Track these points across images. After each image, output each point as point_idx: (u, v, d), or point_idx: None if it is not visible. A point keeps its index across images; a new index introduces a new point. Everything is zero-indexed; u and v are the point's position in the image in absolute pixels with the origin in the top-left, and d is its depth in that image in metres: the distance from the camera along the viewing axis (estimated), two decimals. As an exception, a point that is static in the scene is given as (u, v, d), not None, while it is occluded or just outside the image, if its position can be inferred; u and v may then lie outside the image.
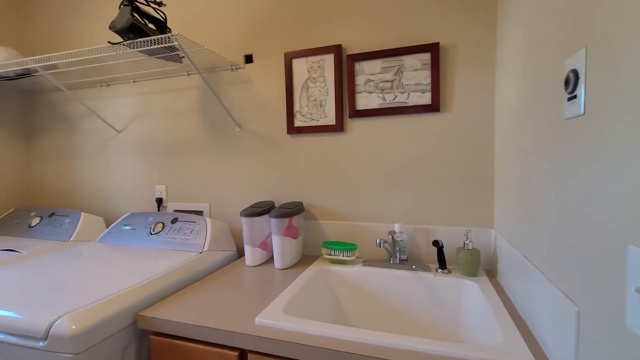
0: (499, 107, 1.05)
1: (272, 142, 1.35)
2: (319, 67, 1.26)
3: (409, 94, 1.16)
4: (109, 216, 1.65)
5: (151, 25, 1.18)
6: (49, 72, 1.36)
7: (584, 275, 0.51)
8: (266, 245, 1.24)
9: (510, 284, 0.90)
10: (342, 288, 1.13)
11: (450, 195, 1.15)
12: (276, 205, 1.36)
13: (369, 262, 1.15)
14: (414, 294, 1.06)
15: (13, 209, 1.63)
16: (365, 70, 1.20)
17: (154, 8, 1.16)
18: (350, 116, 1.23)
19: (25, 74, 1.45)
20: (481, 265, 1.12)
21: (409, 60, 1.15)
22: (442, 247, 1.07)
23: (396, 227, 1.14)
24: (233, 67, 1.39)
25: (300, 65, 1.28)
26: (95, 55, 1.21)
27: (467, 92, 1.11)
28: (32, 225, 1.49)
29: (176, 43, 1.07)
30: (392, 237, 1.11)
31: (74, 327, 0.72)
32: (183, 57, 1.19)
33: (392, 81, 1.17)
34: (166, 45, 1.09)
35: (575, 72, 0.53)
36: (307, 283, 1.02)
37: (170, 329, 0.81)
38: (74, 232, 1.41)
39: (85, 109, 1.66)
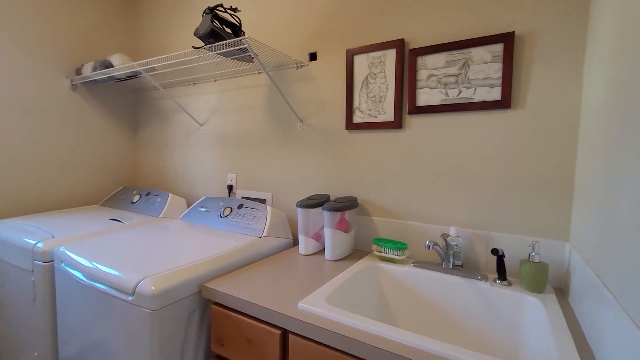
0: (586, 104, 0.91)
1: (330, 138, 1.39)
2: (380, 62, 1.24)
3: (475, 89, 1.08)
4: (190, 198, 1.91)
5: (228, 30, 1.32)
6: (149, 73, 1.62)
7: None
8: (319, 237, 1.30)
9: (582, 308, 0.79)
10: (390, 286, 1.12)
11: (519, 200, 1.04)
12: (331, 198, 1.40)
13: (419, 263, 1.12)
14: (466, 303, 1.00)
15: (121, 187, 1.99)
16: (428, 65, 1.15)
17: (230, 14, 1.28)
18: (410, 112, 1.19)
19: (133, 75, 1.75)
20: (550, 281, 0.99)
21: (478, 52, 1.06)
22: (502, 256, 0.98)
23: (452, 231, 1.08)
24: (298, 65, 1.46)
25: (361, 62, 1.29)
26: (183, 59, 1.40)
27: (546, 86, 0.99)
28: (134, 201, 1.81)
29: (246, 45, 1.17)
30: (445, 240, 1.05)
31: (153, 288, 0.88)
32: (254, 57, 1.30)
33: (457, 75, 1.10)
34: (238, 47, 1.20)
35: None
36: (353, 276, 1.05)
37: (226, 301, 0.92)
38: (162, 210, 1.67)
39: (176, 104, 1.93)
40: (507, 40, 1.01)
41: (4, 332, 1.40)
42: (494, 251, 0.98)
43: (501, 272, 0.99)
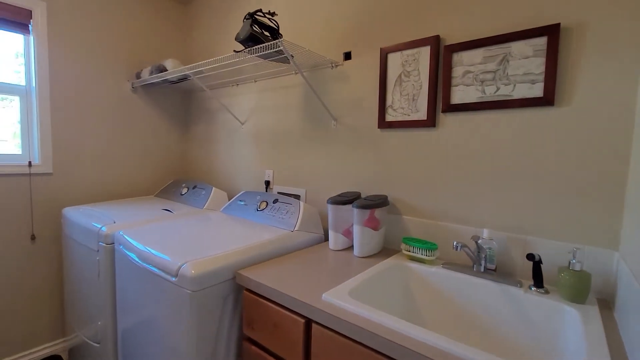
0: (641, 100, 0.82)
1: (363, 136, 1.41)
2: (414, 60, 1.23)
3: (514, 85, 1.02)
4: (231, 191, 2.04)
5: (267, 33, 1.39)
6: (197, 76, 1.76)
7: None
8: (349, 233, 1.32)
9: (626, 324, 0.73)
10: (417, 286, 1.12)
11: (561, 204, 0.97)
12: (362, 196, 1.42)
13: (449, 264, 1.10)
14: (497, 308, 0.96)
15: (172, 180, 2.19)
16: (464, 61, 1.11)
17: (268, 18, 1.35)
18: (444, 111, 1.17)
19: (183, 78, 1.91)
20: (594, 292, 0.92)
21: (518, 46, 1.01)
22: (539, 262, 0.93)
23: (484, 233, 1.05)
24: (333, 65, 1.49)
25: (395, 60, 1.28)
26: (226, 62, 1.51)
27: (596, 82, 0.91)
28: (182, 193, 1.98)
29: (282, 47, 1.23)
30: (476, 242, 1.02)
31: (193, 271, 0.97)
32: (289, 58, 1.35)
33: (494, 72, 1.06)
34: (275, 49, 1.26)
35: None
36: (379, 273, 1.06)
37: (257, 288, 0.99)
38: (206, 202, 1.81)
39: (220, 104, 2.07)
40: (552, 33, 0.95)
41: (77, 302, 1.62)
42: (530, 256, 0.93)
43: (537, 279, 0.94)
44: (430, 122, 1.20)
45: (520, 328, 0.92)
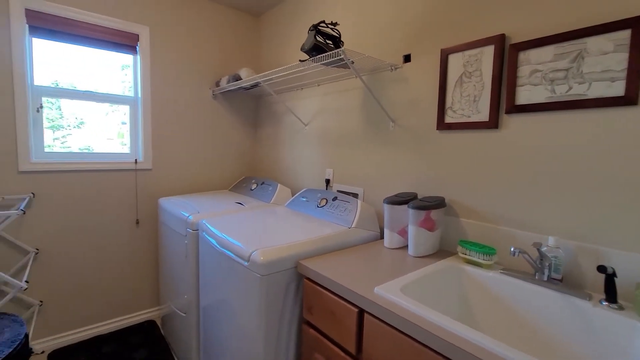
0: None
1: (421, 137, 1.42)
2: (476, 60, 1.21)
3: (590, 84, 0.95)
4: (294, 188, 2.20)
5: (329, 42, 1.48)
6: (266, 83, 1.94)
7: None
8: (405, 233, 1.36)
9: None
10: (472, 290, 1.11)
11: (645, 214, 0.89)
12: (419, 197, 1.43)
13: (508, 270, 1.07)
14: (560, 320, 0.92)
15: (243, 177, 2.44)
16: (532, 60, 1.06)
17: (331, 28, 1.44)
18: (508, 112, 1.13)
19: (255, 85, 2.11)
20: (683, 313, 0.83)
21: (595, 42, 0.94)
22: (613, 275, 0.87)
23: (550, 241, 1.00)
24: (392, 67, 1.52)
25: (455, 61, 1.27)
26: (293, 70, 1.65)
27: (693, 77, 0.81)
28: (252, 189, 2.20)
29: (342, 55, 1.31)
30: (539, 249, 0.98)
31: (262, 258, 1.12)
32: (350, 64, 1.43)
33: (566, 70, 0.99)
34: (336, 58, 1.35)
35: None
36: (433, 273, 1.09)
37: (315, 278, 1.10)
38: (272, 197, 1.99)
39: (285, 108, 2.24)
40: (637, 25, 0.86)
41: (169, 278, 1.94)
42: (601, 268, 0.87)
43: (610, 293, 0.88)
44: (492, 123, 1.17)
45: (585, 343, 0.87)
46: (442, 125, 1.33)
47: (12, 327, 1.25)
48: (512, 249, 0.97)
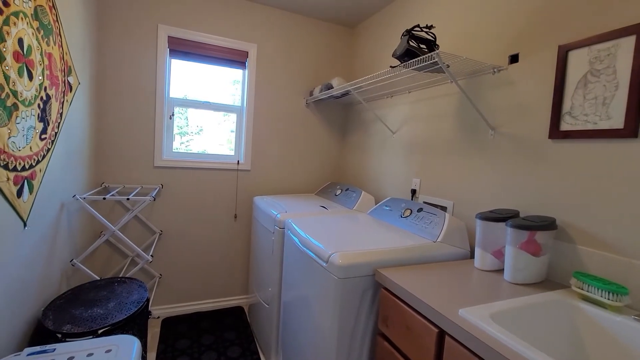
0: None
1: (527, 147, 1.24)
2: (608, 55, 1.00)
3: None
4: (378, 196, 2.16)
5: (423, 46, 1.43)
6: (356, 91, 1.97)
7: None
8: (500, 254, 1.20)
9: None
10: (589, 333, 0.91)
11: None
12: (521, 215, 1.25)
13: (646, 318, 0.84)
14: None
15: (329, 182, 2.52)
16: (695, 51, 0.83)
17: (426, 32, 1.39)
18: (653, 117, 0.90)
19: (345, 93, 2.17)
20: None
21: None
22: None
23: None
24: (495, 70, 1.37)
25: (578, 58, 1.08)
26: (383, 77, 1.64)
27: None
28: (336, 194, 2.25)
29: (437, 59, 1.25)
30: (697, 296, 0.74)
31: (340, 261, 1.14)
32: (444, 69, 1.35)
33: None
34: (430, 62, 1.29)
35: None
36: (535, 304, 0.93)
37: (393, 288, 1.06)
38: (356, 204, 2.00)
39: (374, 116, 2.23)
40: None
41: (258, 270, 2.13)
42: None
43: None
44: (629, 131, 0.95)
45: None
46: (557, 133, 1.13)
47: (139, 291, 1.55)
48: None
